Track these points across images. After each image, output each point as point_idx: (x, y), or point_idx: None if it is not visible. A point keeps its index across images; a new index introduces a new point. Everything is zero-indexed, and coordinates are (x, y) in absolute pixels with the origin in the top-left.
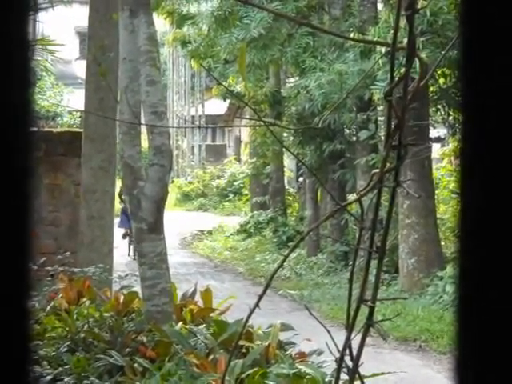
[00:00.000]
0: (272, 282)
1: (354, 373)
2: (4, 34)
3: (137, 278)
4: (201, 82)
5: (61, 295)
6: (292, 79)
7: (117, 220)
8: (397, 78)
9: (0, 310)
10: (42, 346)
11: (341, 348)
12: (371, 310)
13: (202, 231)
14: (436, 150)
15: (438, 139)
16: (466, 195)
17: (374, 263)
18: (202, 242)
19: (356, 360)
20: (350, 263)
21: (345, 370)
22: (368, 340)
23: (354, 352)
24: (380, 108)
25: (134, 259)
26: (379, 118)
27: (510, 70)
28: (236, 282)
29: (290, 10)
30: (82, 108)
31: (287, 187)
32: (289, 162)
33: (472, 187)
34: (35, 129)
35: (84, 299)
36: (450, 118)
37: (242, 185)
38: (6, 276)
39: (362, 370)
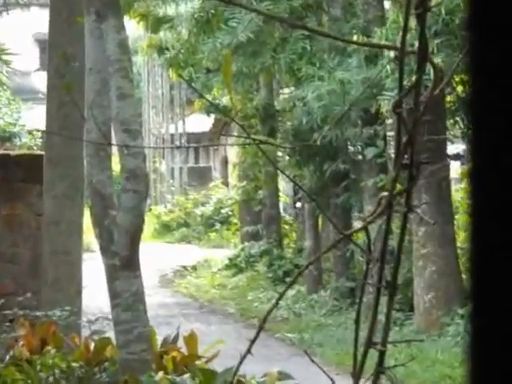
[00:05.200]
0: (267, 323)
1: None
2: None
3: (109, 321)
4: (181, 95)
5: (22, 343)
6: (286, 90)
7: (86, 256)
8: (407, 87)
9: None
10: None
11: None
12: (382, 354)
13: (184, 267)
14: (455, 168)
15: (457, 156)
16: (476, 216)
17: (384, 300)
18: (185, 279)
19: None
20: (357, 301)
21: None
22: None
23: None
24: (389, 121)
25: None
26: (388, 133)
27: None
28: (225, 324)
29: (283, 10)
30: (43, 127)
31: (283, 214)
32: (284, 186)
33: (483, 207)
34: None
35: (48, 347)
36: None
37: (230, 212)
38: None
39: None
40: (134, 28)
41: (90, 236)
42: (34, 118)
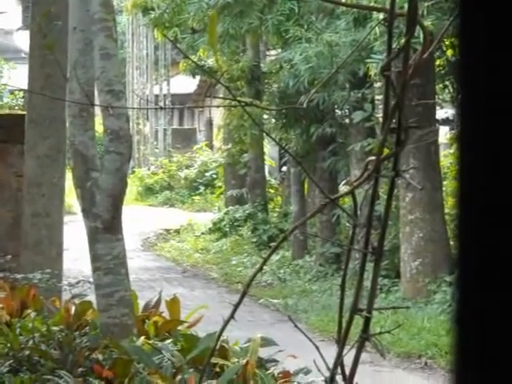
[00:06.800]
0: (251, 288)
1: None
2: None
3: (91, 285)
4: (166, 56)
5: (1, 306)
6: (273, 52)
7: (67, 218)
8: (396, 50)
9: None
10: None
11: (331, 366)
12: (367, 321)
13: (167, 230)
14: (444, 133)
15: (446, 121)
16: (464, 181)
17: (370, 266)
18: (168, 242)
19: (349, 380)
20: (343, 267)
21: None
22: (364, 356)
23: (347, 371)
24: (377, 85)
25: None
26: (376, 97)
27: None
28: (208, 289)
29: None
30: (26, 87)
31: (268, 178)
32: (270, 149)
33: (471, 178)
34: None
35: (28, 310)
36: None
37: (214, 176)
38: None
39: None
40: None
41: (71, 198)
42: (15, 77)
